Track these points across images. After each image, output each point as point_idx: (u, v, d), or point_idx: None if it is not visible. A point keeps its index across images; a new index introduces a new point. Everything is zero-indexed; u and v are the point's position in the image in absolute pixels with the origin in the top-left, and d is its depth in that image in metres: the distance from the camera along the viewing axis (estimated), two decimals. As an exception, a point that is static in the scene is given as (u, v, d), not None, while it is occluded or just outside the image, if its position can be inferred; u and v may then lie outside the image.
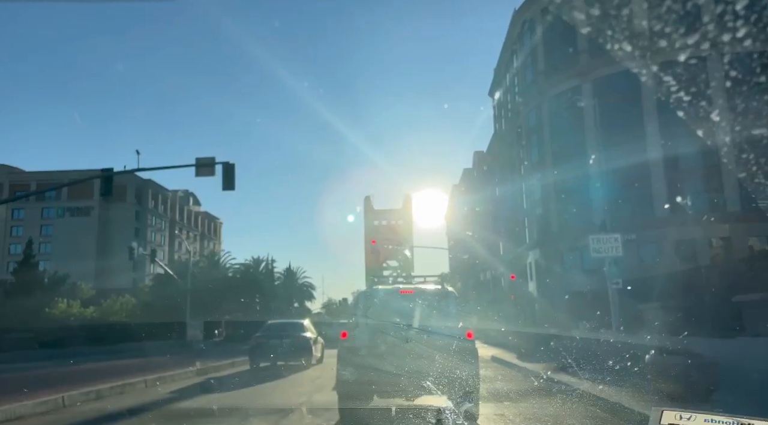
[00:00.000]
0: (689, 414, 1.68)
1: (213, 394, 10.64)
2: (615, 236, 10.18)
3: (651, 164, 32.84)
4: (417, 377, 7.42)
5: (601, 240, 10.27)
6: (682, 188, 32.22)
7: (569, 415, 7.11)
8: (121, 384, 10.19)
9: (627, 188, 31.41)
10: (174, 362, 15.82)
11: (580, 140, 36.12)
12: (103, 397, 9.34)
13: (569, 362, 12.49)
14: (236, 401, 9.08)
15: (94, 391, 9.29)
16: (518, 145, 44.96)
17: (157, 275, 56.96)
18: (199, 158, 19.27)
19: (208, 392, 10.92)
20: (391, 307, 8.75)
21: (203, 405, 8.74)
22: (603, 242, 10.22)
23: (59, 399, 8.22)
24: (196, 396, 10.16)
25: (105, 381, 10.28)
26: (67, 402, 8.24)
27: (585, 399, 8.23)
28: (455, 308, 9.16)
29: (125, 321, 45.05)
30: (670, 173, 32.52)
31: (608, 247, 10.18)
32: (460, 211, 69.27)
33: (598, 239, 10.24)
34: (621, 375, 9.37)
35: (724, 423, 1.61)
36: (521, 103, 43.25)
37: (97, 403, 8.63)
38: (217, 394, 10.74)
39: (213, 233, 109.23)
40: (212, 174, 19.09)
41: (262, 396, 10.38)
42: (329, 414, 7.72)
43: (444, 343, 8.10)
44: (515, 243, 45.75)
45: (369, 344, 8.24)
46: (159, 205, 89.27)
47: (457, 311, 9.09)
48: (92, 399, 8.90)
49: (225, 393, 10.81)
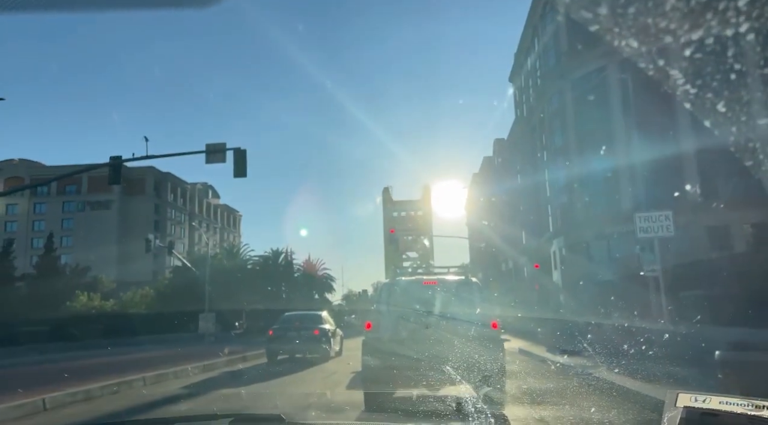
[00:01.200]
0: (704, 397, 1.66)
1: (219, 390, 9.92)
2: (665, 213, 8.94)
3: (682, 148, 31.32)
4: (441, 368, 7.34)
5: (650, 218, 9.01)
6: (715, 173, 30.68)
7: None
8: (117, 383, 9.40)
9: (656, 172, 30.01)
10: (182, 356, 15.18)
11: (607, 124, 34.69)
12: (92, 398, 8.53)
13: (611, 356, 11.58)
14: (229, 404, 8.22)
15: (82, 391, 8.50)
16: (540, 131, 43.59)
17: (176, 267, 56.82)
18: (210, 144, 18.56)
19: (217, 388, 10.25)
20: (414, 298, 8.61)
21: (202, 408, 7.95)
22: (651, 221, 8.98)
23: (39, 401, 7.48)
24: (194, 397, 9.34)
25: (100, 379, 9.55)
26: (49, 405, 7.49)
27: (646, 403, 7.22)
28: (479, 298, 8.86)
29: (142, 313, 44.93)
30: (703, 156, 30.96)
31: (657, 226, 8.94)
32: (481, 200, 67.98)
33: (645, 218, 9.02)
34: (687, 375, 8.59)
35: (739, 405, 1.57)
36: (543, 87, 41.82)
37: (84, 405, 7.87)
38: (226, 390, 10.00)
39: (232, 226, 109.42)
40: (223, 161, 18.41)
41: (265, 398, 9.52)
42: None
43: (468, 333, 7.92)
44: (538, 232, 44.51)
45: (393, 335, 8.18)
46: (178, 198, 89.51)
47: (481, 301, 8.79)
48: (80, 400, 8.13)
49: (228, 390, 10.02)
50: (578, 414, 6.71)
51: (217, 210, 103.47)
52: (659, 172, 29.96)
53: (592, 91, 36.19)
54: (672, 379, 8.50)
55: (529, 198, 47.09)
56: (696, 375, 8.73)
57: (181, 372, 11.99)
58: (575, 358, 12.72)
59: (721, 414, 1.59)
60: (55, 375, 11.16)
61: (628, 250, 30.99)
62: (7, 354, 20.19)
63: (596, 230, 34.13)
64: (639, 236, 8.93)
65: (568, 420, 6.40)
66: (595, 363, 11.50)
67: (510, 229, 51.97)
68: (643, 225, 8.94)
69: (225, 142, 18.57)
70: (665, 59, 20.53)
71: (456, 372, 7.20)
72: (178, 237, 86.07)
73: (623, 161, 32.87)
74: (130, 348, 23.06)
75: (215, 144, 18.51)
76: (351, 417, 6.48)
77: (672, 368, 9.19)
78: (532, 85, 46.36)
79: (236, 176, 18.13)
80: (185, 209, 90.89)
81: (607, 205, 34.59)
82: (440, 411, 5.54)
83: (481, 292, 9.05)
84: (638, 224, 8.96)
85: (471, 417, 3.67)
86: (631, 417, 6.47)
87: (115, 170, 18.26)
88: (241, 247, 67.67)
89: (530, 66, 46.62)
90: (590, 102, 36.52)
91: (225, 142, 18.57)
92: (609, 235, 33.72)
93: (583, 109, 37.16)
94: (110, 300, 50.58)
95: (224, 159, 18.33)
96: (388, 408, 6.73)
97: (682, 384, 8.12)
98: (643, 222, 8.95)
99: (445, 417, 3.83)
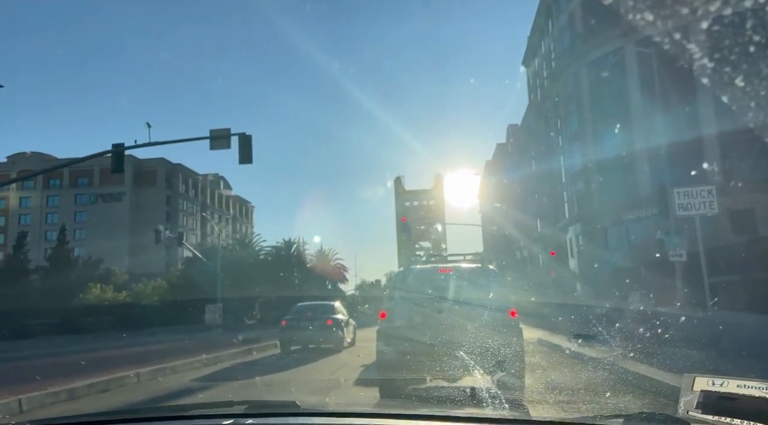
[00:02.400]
0: (722, 380, 1.62)
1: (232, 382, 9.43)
2: (708, 188, 7.95)
3: (703, 129, 30.24)
4: (457, 358, 7.09)
5: (690, 194, 7.99)
6: (738, 154, 29.59)
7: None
8: (106, 380, 8.80)
9: (676, 155, 29.03)
10: (187, 349, 14.65)
11: (624, 107, 33.69)
12: (78, 397, 7.92)
13: (627, 340, 11.20)
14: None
15: (64, 391, 7.88)
16: (555, 115, 42.57)
17: (187, 258, 56.71)
18: (214, 129, 17.98)
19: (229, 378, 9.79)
20: (429, 286, 8.28)
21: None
22: (692, 197, 7.95)
23: (15, 401, 6.90)
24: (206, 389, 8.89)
25: (92, 375, 9.01)
26: (25, 407, 6.88)
27: (662, 387, 6.91)
28: (497, 286, 8.50)
29: (155, 304, 44.78)
30: (725, 139, 29.85)
31: (699, 202, 7.91)
32: (494, 188, 67.01)
33: (685, 193, 8.02)
34: (704, 358, 8.18)
35: (757, 388, 1.53)
36: (558, 70, 40.75)
37: (68, 405, 7.34)
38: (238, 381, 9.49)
39: (245, 217, 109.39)
40: (228, 147, 17.83)
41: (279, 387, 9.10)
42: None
43: (486, 323, 7.58)
44: (553, 220, 43.63)
45: (408, 324, 7.90)
46: (190, 189, 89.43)
47: (498, 289, 8.44)
48: (63, 400, 7.56)
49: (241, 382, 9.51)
50: (593, 398, 6.59)
51: (229, 201, 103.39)
52: (679, 154, 28.97)
53: (609, 73, 35.13)
54: (689, 362, 8.39)
55: (543, 185, 46.15)
56: (714, 357, 8.66)
57: (187, 364, 11.50)
58: (591, 343, 12.48)
59: (739, 397, 1.55)
60: (58, 368, 10.76)
61: (646, 236, 30.17)
62: (14, 348, 19.87)
63: (614, 217, 33.25)
64: (678, 214, 8.00)
65: (583, 404, 6.24)
66: (610, 348, 11.35)
67: (524, 216, 51.08)
68: (682, 202, 7.99)
69: (230, 128, 17.98)
70: (683, 35, 19.33)
71: (472, 358, 6.94)
72: (190, 228, 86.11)
73: (641, 145, 31.89)
74: (137, 340, 22.69)
75: (219, 129, 17.92)
76: (367, 404, 5.97)
77: (689, 351, 9.14)
78: (546, 68, 45.26)
79: (241, 162, 17.56)
80: (197, 201, 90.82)
81: (624, 190, 33.67)
82: (455, 396, 5.17)
83: (499, 280, 8.56)
84: (677, 201, 7.99)
85: (485, 402, 3.66)
86: (647, 401, 6.32)
87: (118, 158, 17.77)
88: (253, 238, 67.43)
89: (544, 49, 45.49)
90: (607, 84, 35.50)
91: (230, 128, 17.98)
92: (627, 221, 32.83)
93: (599, 91, 36.15)
94: (123, 292, 50.51)
95: (229, 145, 17.75)
96: (402, 395, 6.60)
97: (699, 368, 7.87)
98: (683, 199, 7.98)
99: (459, 402, 3.75)
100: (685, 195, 7.83)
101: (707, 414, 1.61)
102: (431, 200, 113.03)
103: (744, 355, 8.44)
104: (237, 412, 1.84)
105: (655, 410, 1.86)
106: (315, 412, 1.90)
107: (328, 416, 1.80)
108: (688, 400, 1.67)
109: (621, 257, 30.87)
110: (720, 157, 29.77)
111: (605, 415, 1.96)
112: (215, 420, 1.74)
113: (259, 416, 1.77)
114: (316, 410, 1.97)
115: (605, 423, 1.68)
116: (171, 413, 2.01)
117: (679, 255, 14.10)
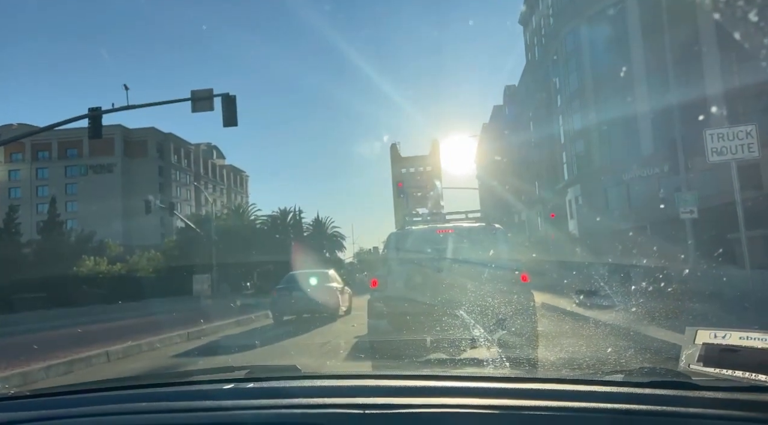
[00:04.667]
0: (724, 332, 1.63)
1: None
2: (746, 128, 6.81)
3: (708, 86, 29.19)
4: (461, 332, 6.09)
5: (725, 136, 6.81)
6: (743, 110, 28.62)
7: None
8: (69, 360, 7.96)
9: (680, 112, 28.07)
10: (172, 322, 13.92)
11: (625, 64, 32.46)
12: (31, 382, 7.08)
13: (629, 295, 10.97)
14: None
15: (17, 375, 7.10)
16: (554, 74, 41.29)
17: (181, 229, 55.94)
18: (196, 90, 16.96)
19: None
20: (427, 249, 7.26)
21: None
22: (728, 139, 6.75)
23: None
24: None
25: (56, 355, 8.20)
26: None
27: (665, 342, 6.56)
28: (505, 247, 7.28)
29: (149, 276, 44.21)
30: (731, 94, 28.84)
31: (736, 145, 6.78)
32: (491, 152, 65.97)
33: (719, 136, 6.84)
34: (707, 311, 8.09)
35: (759, 339, 1.53)
36: (556, 27, 39.33)
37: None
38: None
39: (239, 187, 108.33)
40: (211, 109, 16.82)
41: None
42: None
43: (494, 290, 6.53)
44: (552, 182, 42.83)
45: (403, 293, 6.91)
46: (182, 159, 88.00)
47: (508, 250, 7.27)
48: (15, 385, 6.80)
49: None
50: (594, 355, 6.28)
51: (223, 171, 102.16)
52: (684, 111, 28.00)
53: (609, 28, 33.84)
54: (691, 316, 8.33)
55: (542, 147, 45.18)
56: (716, 310, 8.43)
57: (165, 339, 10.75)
58: (592, 298, 12.30)
59: (741, 349, 1.55)
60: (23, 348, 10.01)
61: (649, 195, 29.48)
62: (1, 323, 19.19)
63: (615, 176, 32.47)
64: (711, 159, 6.98)
65: (584, 361, 5.68)
66: (611, 303, 11.22)
67: (523, 179, 50.27)
68: (716, 146, 6.92)
69: (212, 88, 16.94)
70: None
71: (475, 335, 6.09)
72: (184, 199, 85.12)
73: (643, 102, 30.87)
74: (128, 313, 22.04)
75: (201, 90, 16.89)
76: (364, 366, 5.69)
77: (692, 304, 9.03)
78: (544, 26, 43.77)
79: (226, 125, 16.58)
80: (190, 171, 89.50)
81: (626, 149, 32.80)
82: (454, 356, 5.06)
83: (507, 239, 7.56)
84: (710, 145, 6.92)
85: (486, 361, 3.49)
86: (648, 356, 6.15)
87: (95, 122, 16.71)
88: (248, 207, 66.63)
89: (542, 5, 43.89)
90: (607, 41, 34.21)
91: (212, 88, 16.94)
92: (629, 180, 32.07)
93: (599, 48, 34.86)
94: (117, 264, 49.84)
95: (212, 107, 16.73)
96: (402, 356, 5.90)
97: (702, 320, 7.74)
98: (717, 142, 6.89)
99: (459, 362, 3.65)
100: (719, 138, 6.82)
101: (709, 366, 1.60)
102: (427, 167, 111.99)
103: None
104: (238, 377, 1.86)
105: (656, 365, 1.81)
106: (316, 375, 1.89)
107: (329, 378, 1.82)
108: (690, 353, 1.68)
109: (622, 216, 30.24)
110: (727, 112, 28.80)
111: (606, 371, 1.96)
112: (215, 385, 1.75)
113: (260, 380, 1.79)
114: (317, 373, 1.96)
115: (606, 378, 1.62)
116: (170, 380, 2.00)
117: (689, 212, 13.38)
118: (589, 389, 1.46)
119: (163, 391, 1.79)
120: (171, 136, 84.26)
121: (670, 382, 1.43)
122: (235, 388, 1.69)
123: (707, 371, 1.59)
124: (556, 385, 1.52)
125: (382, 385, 1.62)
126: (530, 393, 1.47)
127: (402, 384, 1.63)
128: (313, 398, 1.51)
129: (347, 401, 1.47)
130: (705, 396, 1.34)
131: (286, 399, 1.52)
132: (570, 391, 1.46)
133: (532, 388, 1.51)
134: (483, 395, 1.47)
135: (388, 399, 1.47)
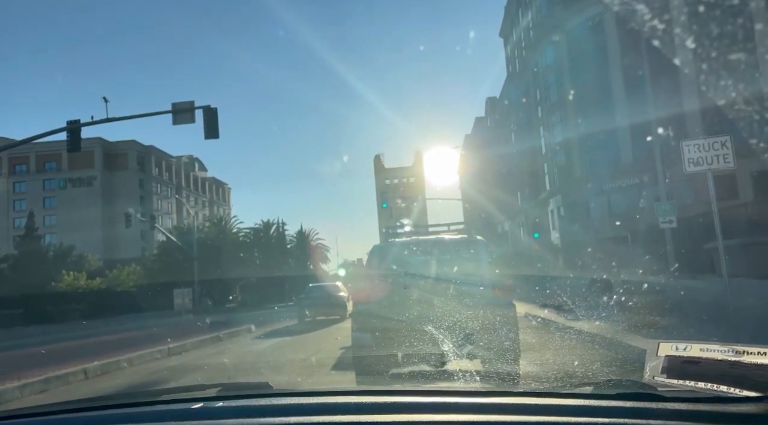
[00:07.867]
0: (685, 345, 1.68)
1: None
2: (722, 139, 6.88)
3: (685, 99, 29.77)
4: (443, 343, 6.21)
5: (701, 147, 6.94)
6: (720, 122, 29.20)
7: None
8: (45, 378, 7.74)
9: (659, 124, 28.54)
10: (150, 338, 13.65)
11: (605, 76, 32.99)
12: (4, 401, 6.86)
13: (592, 309, 11.21)
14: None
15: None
16: (535, 86, 41.77)
17: (163, 243, 55.19)
18: (177, 103, 16.83)
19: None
20: (410, 262, 7.32)
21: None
22: (704, 150, 6.91)
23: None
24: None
25: (32, 373, 7.97)
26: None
27: (629, 354, 6.97)
28: (487, 259, 7.42)
29: (129, 290, 43.52)
30: (708, 107, 29.39)
31: (712, 156, 6.90)
32: (474, 162, 66.36)
33: (696, 146, 6.96)
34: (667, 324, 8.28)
35: (718, 351, 1.58)
36: (536, 39, 39.85)
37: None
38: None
39: (222, 199, 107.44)
40: (192, 121, 16.70)
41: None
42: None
43: (476, 302, 6.65)
44: (534, 192, 43.16)
45: (386, 306, 6.90)
46: (164, 172, 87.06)
47: (490, 262, 7.47)
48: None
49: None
50: (561, 368, 6.47)
51: (206, 183, 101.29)
52: (662, 123, 28.47)
53: (588, 41, 34.39)
54: (653, 329, 8.56)
55: (524, 157, 45.57)
56: (677, 323, 8.78)
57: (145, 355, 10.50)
58: (557, 312, 12.47)
59: (702, 361, 1.60)
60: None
61: (629, 205, 29.83)
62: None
63: (596, 186, 32.84)
64: (688, 170, 7.07)
65: (552, 374, 6.07)
66: (575, 317, 11.44)
67: (505, 190, 50.59)
68: (692, 156, 7.03)
69: (194, 100, 16.83)
70: (666, 5, 18.27)
71: (458, 345, 6.24)
72: (165, 212, 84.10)
73: (623, 113, 31.31)
74: (107, 328, 21.61)
75: (183, 103, 16.77)
76: (342, 381, 6.34)
77: (652, 318, 9.33)
78: (525, 38, 44.34)
79: (207, 138, 16.48)
80: (171, 183, 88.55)
81: (606, 160, 33.21)
82: (426, 371, 5.18)
83: (489, 251, 7.64)
84: (687, 156, 7.03)
85: (456, 375, 3.62)
86: (614, 368, 6.33)
87: (73, 135, 16.49)
88: (231, 219, 66.03)
89: (521, 18, 44.48)
90: (586, 53, 34.73)
91: (194, 100, 16.83)
92: (609, 191, 32.47)
93: (579, 61, 35.37)
94: (96, 279, 49.02)
95: (193, 119, 16.63)
96: (378, 372, 6.27)
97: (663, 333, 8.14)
98: (694, 152, 7.02)
99: (431, 375, 3.80)
100: (696, 148, 6.93)
101: (672, 378, 1.64)
102: (411, 178, 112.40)
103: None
104: (208, 395, 1.84)
105: (622, 376, 1.83)
106: (286, 392, 1.88)
107: (300, 395, 1.79)
108: (653, 365, 1.71)
109: (603, 226, 30.55)
110: (702, 124, 29.35)
111: (575, 383, 2.00)
112: (184, 404, 1.73)
113: (230, 399, 1.76)
114: (289, 390, 1.96)
115: (574, 391, 1.67)
116: (137, 399, 1.96)
117: (669, 221, 13.54)
118: (559, 402, 1.49)
119: (132, 412, 1.76)
120: (152, 148, 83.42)
121: (636, 394, 1.45)
122: (204, 407, 1.67)
123: (670, 382, 1.62)
124: (526, 399, 1.54)
125: (353, 402, 1.62)
126: (500, 407, 1.48)
127: (372, 400, 1.62)
128: (283, 416, 1.49)
129: (317, 419, 1.46)
130: (670, 407, 1.37)
131: (256, 419, 1.50)
132: (540, 405, 1.47)
133: (503, 402, 1.52)
134: (452, 410, 1.46)
135: (358, 417, 1.47)
